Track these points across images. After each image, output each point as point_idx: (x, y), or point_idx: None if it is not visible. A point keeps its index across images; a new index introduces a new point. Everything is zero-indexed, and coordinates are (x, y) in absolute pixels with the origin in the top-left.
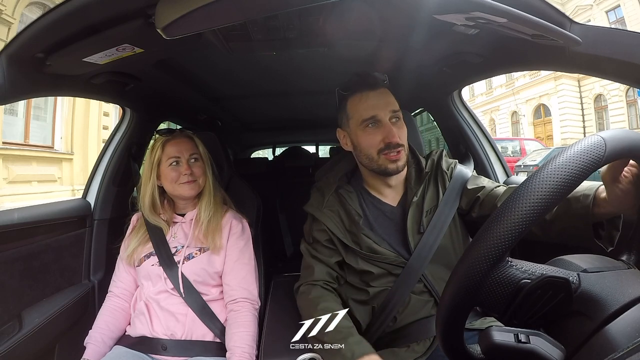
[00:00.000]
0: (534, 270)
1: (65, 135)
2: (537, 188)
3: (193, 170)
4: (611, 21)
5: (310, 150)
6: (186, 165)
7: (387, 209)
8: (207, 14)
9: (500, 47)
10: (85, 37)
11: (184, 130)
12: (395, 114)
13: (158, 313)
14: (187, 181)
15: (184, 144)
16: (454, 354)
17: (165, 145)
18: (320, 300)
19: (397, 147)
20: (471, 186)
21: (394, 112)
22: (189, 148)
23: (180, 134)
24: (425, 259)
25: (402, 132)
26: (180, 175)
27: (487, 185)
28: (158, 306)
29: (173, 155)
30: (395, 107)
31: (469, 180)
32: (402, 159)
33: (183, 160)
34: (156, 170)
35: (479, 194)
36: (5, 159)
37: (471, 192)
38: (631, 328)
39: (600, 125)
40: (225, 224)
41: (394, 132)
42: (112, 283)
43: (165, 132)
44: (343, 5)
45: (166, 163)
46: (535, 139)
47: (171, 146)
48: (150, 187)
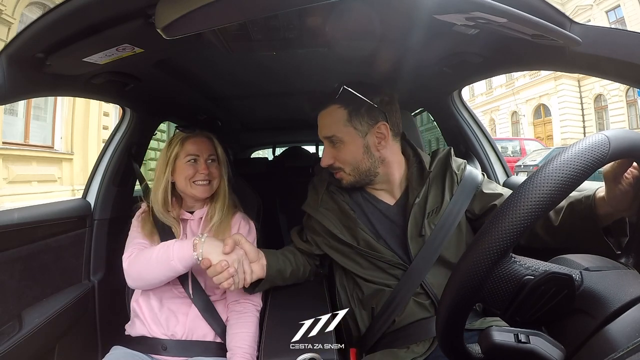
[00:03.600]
0: (537, 267)
1: (65, 135)
2: (541, 184)
3: (210, 171)
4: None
5: (310, 150)
6: (204, 165)
7: (383, 206)
8: (207, 14)
9: (500, 47)
10: (85, 37)
11: (205, 131)
12: (329, 139)
13: (158, 312)
14: (203, 182)
15: (204, 144)
16: (453, 354)
17: (184, 142)
18: (286, 249)
19: (332, 168)
20: (487, 190)
21: (326, 138)
22: (208, 148)
23: (201, 133)
24: (427, 263)
25: (338, 154)
26: (197, 173)
27: (504, 194)
28: (159, 304)
29: (192, 153)
30: (327, 132)
31: (482, 183)
32: (343, 178)
33: (202, 159)
34: (172, 166)
35: (496, 202)
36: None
37: (487, 198)
38: (631, 328)
39: (600, 125)
40: (234, 224)
41: (324, 154)
42: (128, 248)
43: (186, 129)
44: (343, 5)
45: (184, 159)
46: (535, 139)
47: (191, 144)
48: (164, 182)
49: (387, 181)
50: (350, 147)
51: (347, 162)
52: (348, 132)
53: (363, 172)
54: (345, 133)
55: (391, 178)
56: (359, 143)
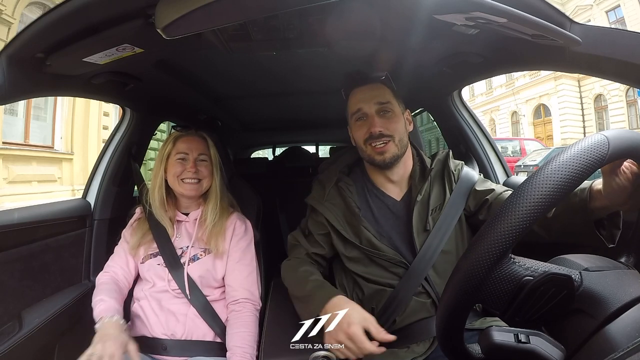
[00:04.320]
0: (536, 268)
1: (65, 135)
2: (540, 184)
3: (199, 169)
4: (611, 21)
5: (310, 151)
6: (192, 163)
7: (390, 202)
8: (207, 14)
9: (500, 47)
10: (85, 37)
11: (199, 131)
12: (383, 105)
13: (158, 313)
14: (191, 180)
15: (195, 143)
16: (453, 354)
17: (176, 140)
18: (301, 264)
19: (380, 137)
20: (480, 188)
21: (381, 104)
22: (199, 147)
23: (194, 132)
24: (429, 261)
25: (389, 123)
26: (185, 170)
27: (495, 189)
28: (158, 306)
29: (182, 151)
30: (382, 98)
31: (477, 182)
32: (388, 150)
33: (191, 157)
34: (164, 164)
35: (488, 196)
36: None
37: (480, 194)
38: (631, 328)
39: (600, 125)
40: (229, 226)
41: (375, 122)
42: (107, 267)
43: (181, 128)
44: (343, 5)
45: (174, 157)
46: (535, 139)
47: (182, 142)
48: (159, 180)
49: (403, 168)
50: (399, 119)
51: (397, 131)
52: (397, 105)
53: (404, 146)
54: (395, 105)
55: (406, 165)
56: (402, 118)
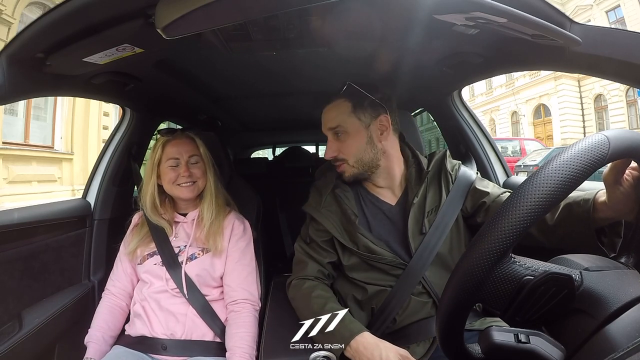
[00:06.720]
0: (537, 267)
1: (65, 135)
2: (541, 184)
3: (192, 172)
4: (611, 21)
5: (310, 151)
6: (185, 167)
7: (386, 207)
8: (207, 14)
9: (500, 47)
10: (85, 37)
11: (185, 131)
12: (334, 129)
13: (157, 313)
14: (186, 183)
15: (184, 145)
16: (454, 354)
17: (165, 145)
18: (314, 289)
19: (335, 160)
20: (479, 186)
21: (331, 129)
22: (188, 149)
23: (181, 134)
24: (426, 261)
25: (342, 146)
26: (179, 176)
27: (493, 192)
28: (158, 306)
29: (172, 157)
30: (332, 123)
31: (475, 181)
32: (345, 171)
33: (182, 161)
34: (156, 170)
35: (485, 199)
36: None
37: (478, 195)
38: (631, 328)
39: (600, 125)
40: (227, 225)
41: (328, 146)
42: (109, 282)
43: (166, 133)
44: (343, 5)
45: (166, 164)
46: (535, 139)
47: (171, 147)
48: (151, 186)
49: (388, 176)
50: (355, 138)
51: (351, 154)
52: (352, 122)
53: (366, 164)
54: (349, 124)
55: (392, 172)
56: (362, 134)
